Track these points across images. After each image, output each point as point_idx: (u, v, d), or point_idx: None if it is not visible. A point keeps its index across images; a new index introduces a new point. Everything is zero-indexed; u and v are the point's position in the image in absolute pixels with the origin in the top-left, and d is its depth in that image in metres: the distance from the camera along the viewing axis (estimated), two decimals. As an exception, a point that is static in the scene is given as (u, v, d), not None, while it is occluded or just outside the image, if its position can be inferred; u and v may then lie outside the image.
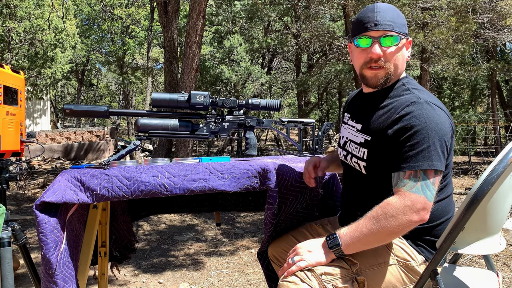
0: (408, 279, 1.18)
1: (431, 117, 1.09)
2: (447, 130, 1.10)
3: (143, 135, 1.43)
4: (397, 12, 1.20)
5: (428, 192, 1.05)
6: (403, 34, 1.19)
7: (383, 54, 1.17)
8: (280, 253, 1.51)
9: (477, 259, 3.17)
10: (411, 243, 1.20)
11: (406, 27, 1.21)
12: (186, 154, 5.28)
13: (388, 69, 1.19)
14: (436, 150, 1.07)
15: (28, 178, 6.97)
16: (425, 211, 1.05)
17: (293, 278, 1.12)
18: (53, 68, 13.10)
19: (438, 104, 1.14)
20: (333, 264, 1.13)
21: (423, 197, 1.05)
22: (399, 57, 1.20)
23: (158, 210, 2.00)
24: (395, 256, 1.18)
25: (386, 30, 1.16)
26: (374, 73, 1.20)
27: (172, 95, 1.46)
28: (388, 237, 1.09)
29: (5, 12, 12.14)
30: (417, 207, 1.04)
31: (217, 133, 1.52)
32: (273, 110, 1.56)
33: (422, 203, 1.05)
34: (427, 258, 1.19)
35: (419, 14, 7.06)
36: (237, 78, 12.26)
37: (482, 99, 21.16)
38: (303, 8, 9.24)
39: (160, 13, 6.11)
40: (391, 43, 1.17)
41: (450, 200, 1.25)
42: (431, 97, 1.17)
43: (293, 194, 1.44)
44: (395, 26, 1.17)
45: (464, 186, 7.62)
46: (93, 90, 29.17)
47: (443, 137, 1.08)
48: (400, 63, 1.21)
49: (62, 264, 1.16)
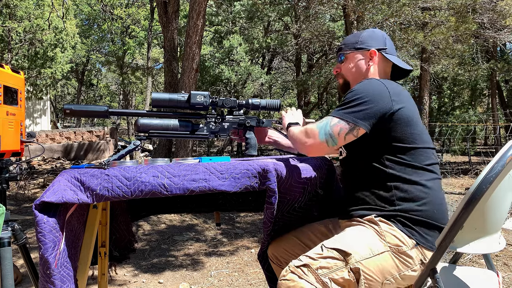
0: (402, 264, 1.21)
1: (363, 83, 1.32)
2: (377, 95, 1.27)
3: (143, 135, 1.43)
4: (355, 34, 1.52)
5: (322, 131, 1.30)
6: (350, 50, 1.48)
7: (340, 70, 1.51)
8: (281, 253, 1.52)
9: (477, 259, 3.17)
10: (400, 228, 1.24)
11: (361, 42, 1.46)
12: (186, 154, 5.28)
13: (344, 79, 1.51)
14: (353, 106, 1.28)
15: (28, 178, 6.97)
16: (311, 144, 1.32)
17: (291, 276, 1.17)
18: (53, 68, 13.10)
19: (379, 79, 1.34)
20: (327, 256, 1.18)
21: (317, 132, 1.31)
22: (351, 67, 1.47)
23: (158, 210, 2.00)
24: (387, 243, 1.22)
25: (339, 51, 1.52)
26: (339, 81, 1.54)
27: (172, 95, 1.46)
28: (295, 143, 1.40)
29: (5, 12, 12.14)
30: (307, 136, 1.33)
31: (217, 133, 1.52)
32: (273, 110, 1.56)
33: (313, 136, 1.31)
34: (418, 242, 1.22)
35: (419, 14, 7.06)
36: (237, 78, 12.26)
37: (482, 99, 21.16)
38: (303, 8, 9.24)
39: (160, 13, 6.11)
40: (340, 61, 1.51)
41: (428, 180, 1.28)
42: (384, 80, 1.36)
43: (292, 194, 1.44)
44: (344, 47, 1.49)
45: (464, 186, 7.63)
46: (93, 90, 29.17)
47: (368, 97, 1.27)
48: (355, 72, 1.47)
49: (61, 264, 1.16)
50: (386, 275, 1.20)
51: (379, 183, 1.30)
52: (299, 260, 1.20)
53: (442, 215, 1.28)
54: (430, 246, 1.23)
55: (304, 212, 1.57)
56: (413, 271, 1.22)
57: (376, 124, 1.27)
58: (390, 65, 1.48)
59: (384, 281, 1.20)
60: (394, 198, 1.27)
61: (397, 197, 1.26)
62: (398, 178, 1.27)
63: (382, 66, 1.46)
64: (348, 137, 1.28)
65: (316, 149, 1.33)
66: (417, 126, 1.30)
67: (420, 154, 1.29)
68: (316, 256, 1.19)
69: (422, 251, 1.23)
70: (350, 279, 1.16)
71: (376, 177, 1.30)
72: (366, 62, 1.45)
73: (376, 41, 1.46)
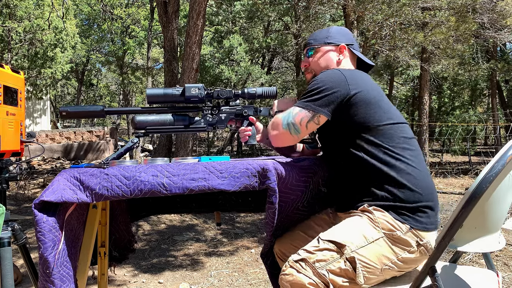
0: (398, 248, 1.24)
1: (321, 74, 1.38)
2: (334, 81, 1.32)
3: (141, 132, 1.43)
4: (323, 29, 1.56)
5: (285, 121, 1.35)
6: (319, 44, 1.51)
7: (308, 64, 1.54)
8: (289, 248, 1.53)
9: (477, 258, 3.17)
10: (392, 215, 1.26)
11: (331, 37, 1.51)
12: (186, 153, 5.28)
13: (312, 74, 1.54)
14: (313, 95, 1.33)
15: (28, 178, 6.97)
16: (276, 135, 1.38)
17: (290, 270, 1.21)
18: (53, 68, 13.08)
19: (339, 69, 1.38)
20: (323, 249, 1.22)
21: (281, 122, 1.36)
22: (321, 61, 1.51)
23: (158, 210, 2.00)
24: (381, 229, 1.25)
25: (307, 46, 1.55)
26: (306, 76, 1.58)
27: (167, 89, 1.45)
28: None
29: (5, 12, 12.13)
30: (273, 128, 1.39)
31: (215, 124, 1.52)
32: (270, 97, 1.56)
33: (277, 126, 1.37)
34: (412, 226, 1.25)
35: (419, 14, 7.06)
36: (237, 78, 12.26)
37: (482, 99, 21.14)
38: (303, 8, 9.24)
39: (160, 13, 6.11)
40: (308, 56, 1.54)
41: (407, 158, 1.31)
42: (342, 69, 1.39)
43: (294, 193, 1.44)
44: (313, 42, 1.52)
45: (464, 186, 7.63)
46: (93, 90, 29.15)
47: (326, 85, 1.32)
48: (325, 66, 1.50)
49: (60, 263, 1.16)
50: (383, 261, 1.22)
51: (361, 173, 1.33)
52: (297, 255, 1.24)
53: (428, 190, 1.30)
54: (424, 227, 1.26)
55: (308, 211, 1.57)
56: (411, 253, 1.24)
57: (337, 110, 1.33)
58: (355, 60, 1.55)
59: (383, 266, 1.23)
60: (380, 186, 1.30)
61: (381, 182, 1.29)
62: (376, 164, 1.30)
63: (351, 60, 1.53)
64: (310, 125, 1.33)
65: (280, 139, 1.38)
66: (380, 105, 1.34)
67: (393, 131, 1.32)
68: (313, 249, 1.23)
69: (417, 233, 1.25)
70: (347, 269, 1.19)
71: (357, 166, 1.34)
72: (336, 56, 1.50)
73: (345, 36, 1.52)
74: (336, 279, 1.19)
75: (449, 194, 6.75)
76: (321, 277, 1.18)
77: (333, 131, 1.39)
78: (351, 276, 1.19)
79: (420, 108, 9.75)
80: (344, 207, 1.40)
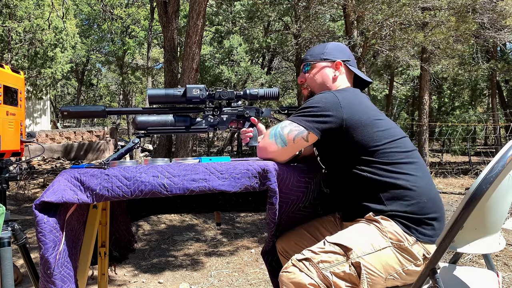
0: (405, 260, 1.24)
1: (318, 95, 1.38)
2: (328, 104, 1.32)
3: (141, 132, 1.43)
4: (320, 45, 1.55)
5: (273, 131, 1.36)
6: (315, 60, 1.50)
7: (304, 80, 1.53)
8: (292, 247, 1.54)
9: (477, 259, 3.17)
10: (399, 226, 1.26)
11: (327, 53, 1.50)
12: (186, 154, 5.28)
13: (309, 90, 1.53)
14: (306, 113, 1.33)
15: (28, 178, 6.97)
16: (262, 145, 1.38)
17: (292, 269, 1.20)
18: (53, 68, 13.08)
19: (333, 92, 1.38)
20: (329, 251, 1.21)
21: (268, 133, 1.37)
22: (317, 77, 1.50)
23: (158, 211, 2.00)
24: (388, 239, 1.24)
25: (303, 62, 1.53)
26: (303, 92, 1.58)
27: (168, 90, 1.45)
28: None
29: (5, 12, 12.12)
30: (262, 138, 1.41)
31: (216, 126, 1.51)
32: (272, 98, 1.55)
33: (265, 136, 1.38)
34: (418, 238, 1.25)
35: (419, 14, 7.06)
36: (237, 78, 12.26)
37: (482, 99, 21.12)
38: (303, 8, 9.24)
39: (160, 13, 6.11)
40: (305, 71, 1.53)
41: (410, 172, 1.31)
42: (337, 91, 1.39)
43: (295, 193, 1.44)
44: (310, 57, 1.52)
45: (464, 186, 7.63)
46: (93, 90, 29.13)
47: (320, 106, 1.32)
48: (321, 82, 1.49)
49: (61, 264, 1.16)
50: (389, 270, 1.22)
51: (366, 190, 1.33)
52: (301, 254, 1.23)
53: (433, 203, 1.30)
54: (430, 239, 1.25)
55: (310, 211, 1.57)
56: (417, 266, 1.24)
57: (333, 135, 1.32)
58: (352, 77, 1.54)
59: (388, 276, 1.22)
60: (384, 200, 1.29)
61: (386, 198, 1.29)
62: (379, 182, 1.30)
63: (347, 77, 1.51)
64: (298, 139, 1.32)
65: (264, 149, 1.37)
66: (377, 125, 1.33)
67: (393, 148, 1.32)
68: (318, 250, 1.22)
69: (424, 246, 1.25)
70: (351, 273, 1.18)
71: (361, 184, 1.33)
72: (332, 73, 1.49)
73: (341, 53, 1.52)
74: (339, 282, 1.18)
75: (449, 194, 6.75)
76: (324, 279, 1.17)
77: (334, 154, 1.39)
78: (354, 281, 1.19)
79: (420, 108, 9.75)
80: (350, 217, 1.40)
